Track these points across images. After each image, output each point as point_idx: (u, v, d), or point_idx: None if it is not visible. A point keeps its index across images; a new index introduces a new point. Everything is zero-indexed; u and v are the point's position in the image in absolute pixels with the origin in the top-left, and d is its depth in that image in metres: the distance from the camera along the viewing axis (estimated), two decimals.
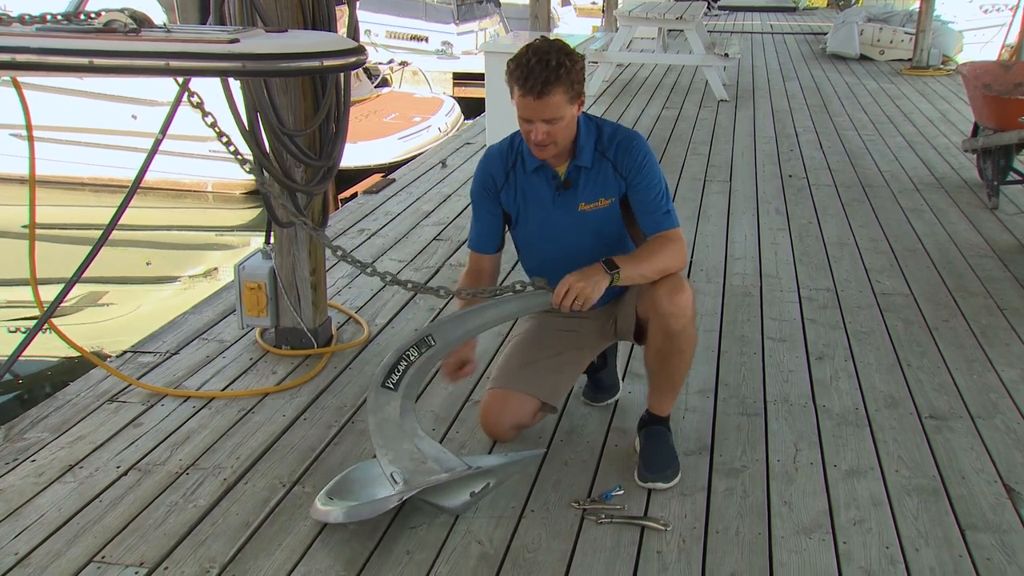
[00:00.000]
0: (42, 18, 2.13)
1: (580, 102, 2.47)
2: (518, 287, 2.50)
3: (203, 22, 2.93)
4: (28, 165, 2.93)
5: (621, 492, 2.59)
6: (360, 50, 2.22)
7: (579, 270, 2.44)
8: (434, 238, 5.00)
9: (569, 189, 2.59)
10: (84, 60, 1.98)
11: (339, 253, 2.63)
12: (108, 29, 2.07)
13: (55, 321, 2.95)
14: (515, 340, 2.89)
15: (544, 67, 2.33)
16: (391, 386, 2.45)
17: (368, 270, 2.60)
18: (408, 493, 2.39)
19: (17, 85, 2.75)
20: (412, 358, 2.44)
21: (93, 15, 2.16)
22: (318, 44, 2.24)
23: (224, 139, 2.57)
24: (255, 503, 2.57)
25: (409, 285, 2.58)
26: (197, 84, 2.59)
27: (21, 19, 2.11)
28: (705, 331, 3.68)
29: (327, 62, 2.16)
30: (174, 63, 2.02)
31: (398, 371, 2.44)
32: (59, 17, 2.18)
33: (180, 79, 2.53)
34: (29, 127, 2.89)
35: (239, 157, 2.66)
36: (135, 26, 2.08)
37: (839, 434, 2.95)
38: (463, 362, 2.69)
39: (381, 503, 2.39)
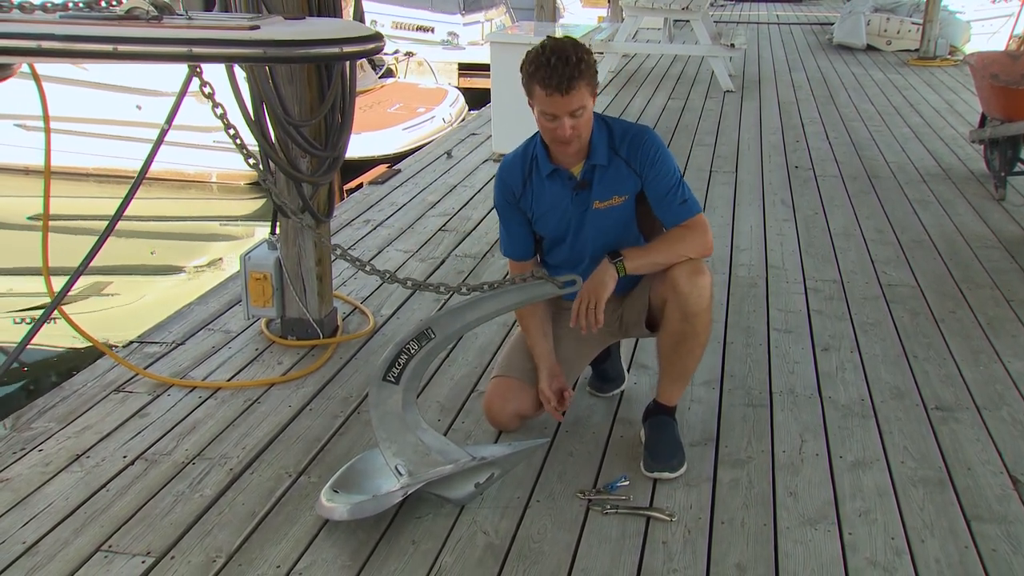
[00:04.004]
0: (64, 5, 2.13)
1: (595, 94, 2.49)
2: (518, 279, 2.49)
3: (208, 10, 2.92)
4: (44, 154, 2.93)
5: (627, 483, 2.59)
6: (378, 36, 2.22)
7: (587, 281, 2.52)
8: (440, 228, 5.00)
9: (585, 189, 2.60)
10: (108, 47, 1.97)
11: (337, 252, 2.62)
12: (130, 16, 2.08)
13: (64, 309, 2.95)
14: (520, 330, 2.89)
15: (566, 63, 2.35)
16: (392, 380, 2.45)
17: (367, 268, 2.58)
18: (412, 487, 2.39)
19: (35, 74, 2.75)
20: (412, 351, 2.44)
21: (114, 2, 2.15)
22: (337, 31, 2.25)
23: (232, 131, 2.57)
24: (261, 493, 2.57)
25: (409, 283, 2.57)
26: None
27: (44, 7, 2.11)
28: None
29: (347, 48, 2.16)
30: (197, 50, 2.02)
31: (399, 365, 2.44)
32: (80, 4, 2.18)
33: (194, 68, 2.53)
34: (46, 117, 2.89)
35: (245, 151, 2.66)
36: (157, 13, 2.08)
37: (845, 425, 2.95)
38: (561, 391, 2.71)
39: (385, 499, 2.40)
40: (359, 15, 3.60)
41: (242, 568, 2.27)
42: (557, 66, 2.36)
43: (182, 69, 2.65)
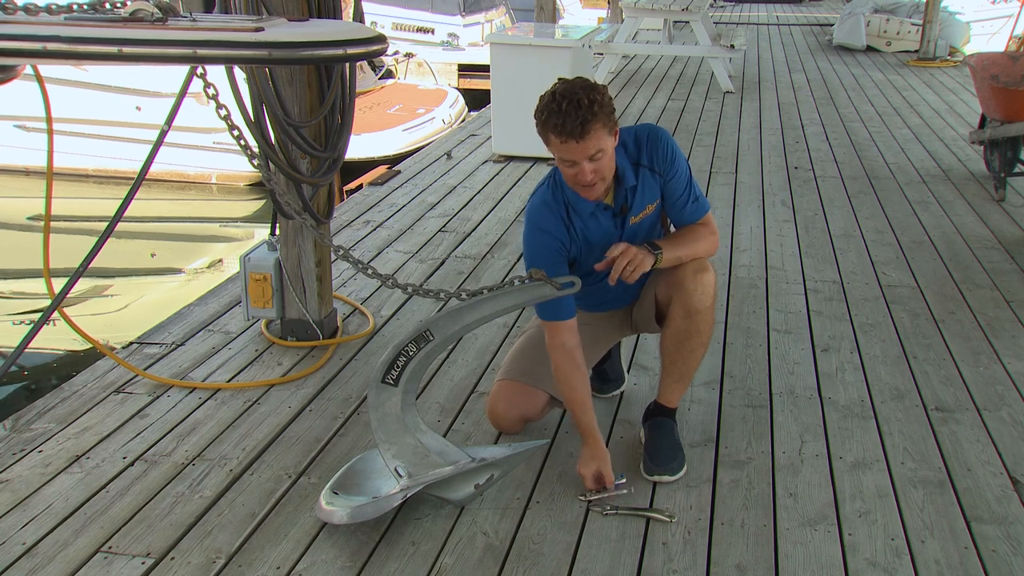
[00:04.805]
0: (68, 7, 2.14)
1: (616, 131, 2.41)
2: (516, 281, 2.50)
3: (208, 11, 2.93)
4: (46, 155, 2.94)
5: (623, 481, 2.58)
6: (381, 38, 2.23)
7: (628, 245, 2.45)
8: (439, 230, 5.00)
9: (625, 212, 2.56)
10: (114, 49, 1.98)
11: (340, 252, 2.62)
12: (135, 18, 2.08)
13: (64, 310, 2.95)
14: (527, 333, 2.88)
15: (577, 107, 2.26)
16: (391, 382, 2.45)
17: (369, 271, 2.58)
18: (412, 490, 2.39)
19: (39, 76, 2.75)
20: (411, 353, 2.44)
21: (119, 4, 2.16)
22: (341, 32, 2.25)
23: (235, 132, 2.58)
24: (261, 494, 2.57)
25: (409, 289, 2.58)
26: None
27: (48, 9, 2.11)
28: None
29: (351, 50, 2.16)
30: (201, 51, 2.02)
31: (397, 367, 2.44)
32: (85, 7, 2.18)
33: (199, 71, 2.53)
34: (49, 118, 2.89)
35: (249, 152, 2.67)
36: (161, 15, 2.09)
37: (845, 426, 2.95)
38: (599, 475, 2.55)
39: (385, 502, 2.40)
40: (359, 16, 3.60)
41: (242, 569, 2.27)
42: (569, 111, 2.26)
43: (183, 70, 2.65)
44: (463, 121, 10.22)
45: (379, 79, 11.65)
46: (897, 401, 3.11)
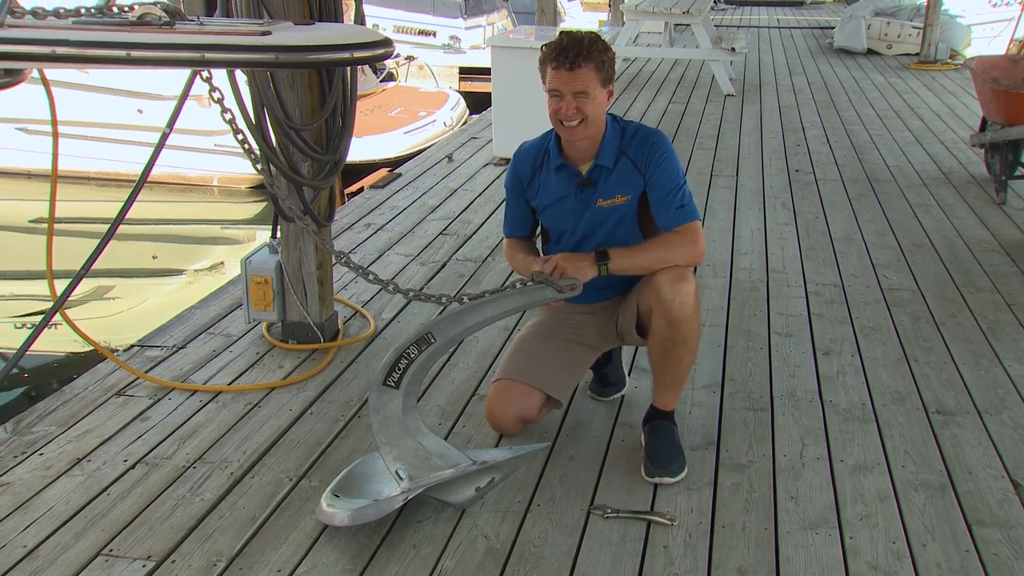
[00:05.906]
0: (76, 12, 2.14)
1: (609, 92, 2.57)
2: (518, 284, 2.50)
3: (209, 15, 2.94)
4: (51, 158, 2.94)
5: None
6: (387, 42, 2.23)
7: (571, 253, 2.59)
8: (440, 232, 5.00)
9: (589, 187, 2.65)
10: (122, 53, 1.98)
11: (341, 259, 2.63)
12: (143, 22, 2.09)
13: (66, 313, 2.96)
14: (522, 333, 2.90)
15: (578, 43, 2.49)
16: (392, 384, 2.45)
17: (369, 277, 2.59)
18: (412, 492, 2.39)
19: (45, 80, 2.75)
20: (412, 356, 2.44)
21: (126, 8, 2.17)
22: (347, 36, 2.25)
23: (240, 136, 2.59)
24: (262, 497, 2.57)
25: (410, 294, 2.59)
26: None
27: (56, 13, 2.12)
28: (712, 326, 3.68)
29: (357, 53, 2.17)
30: (209, 55, 2.03)
31: (399, 369, 2.44)
32: (92, 11, 2.19)
33: (204, 75, 2.54)
34: (55, 122, 2.89)
35: (253, 156, 2.68)
36: (168, 19, 2.09)
37: (846, 429, 2.95)
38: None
39: (386, 504, 2.40)
40: (360, 19, 3.61)
41: (243, 572, 2.27)
42: (568, 46, 2.48)
43: (186, 73, 2.66)
44: (464, 124, 10.23)
45: (380, 82, 11.66)
46: (898, 404, 3.11)
